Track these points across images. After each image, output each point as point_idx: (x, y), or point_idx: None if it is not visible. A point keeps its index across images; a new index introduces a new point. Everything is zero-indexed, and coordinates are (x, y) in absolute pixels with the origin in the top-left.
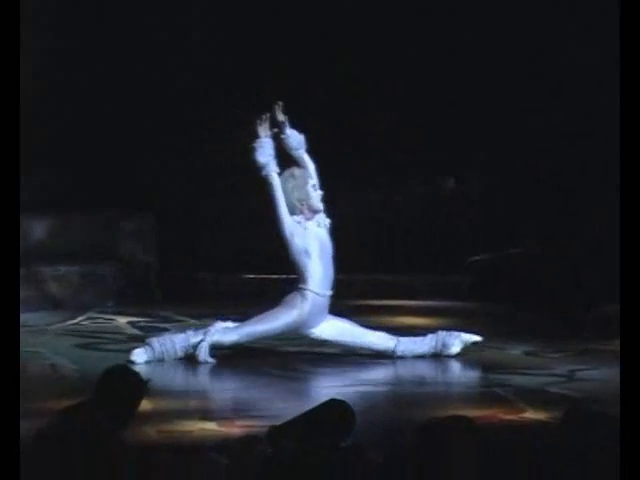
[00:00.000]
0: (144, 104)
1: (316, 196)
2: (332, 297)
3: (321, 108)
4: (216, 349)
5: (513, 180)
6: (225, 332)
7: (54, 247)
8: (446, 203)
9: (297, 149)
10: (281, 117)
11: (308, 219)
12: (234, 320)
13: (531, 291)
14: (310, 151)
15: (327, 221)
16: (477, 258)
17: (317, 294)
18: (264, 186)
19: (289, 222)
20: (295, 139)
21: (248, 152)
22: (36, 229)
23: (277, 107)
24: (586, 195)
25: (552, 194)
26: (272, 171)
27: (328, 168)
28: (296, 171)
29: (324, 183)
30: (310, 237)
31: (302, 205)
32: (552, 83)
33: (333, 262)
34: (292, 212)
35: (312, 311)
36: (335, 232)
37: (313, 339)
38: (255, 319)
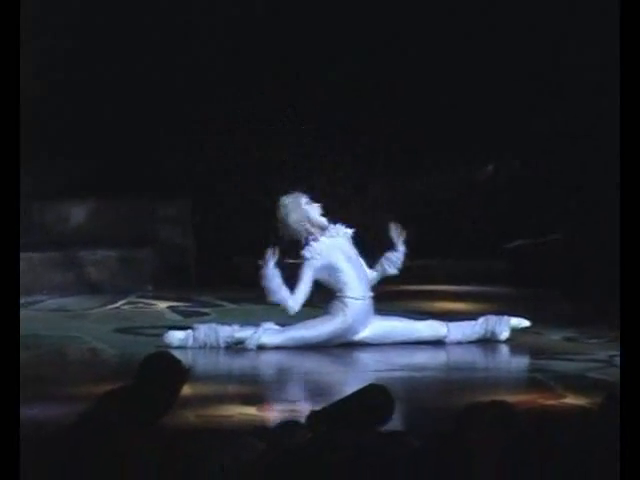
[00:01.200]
0: (180, 90)
1: (314, 211)
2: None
3: (351, 93)
4: (259, 349)
5: (549, 166)
6: (270, 334)
7: (92, 232)
8: (484, 188)
9: None
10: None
11: (319, 236)
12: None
13: (570, 276)
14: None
15: (345, 230)
16: (516, 243)
17: (356, 299)
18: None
19: (308, 280)
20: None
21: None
22: (74, 214)
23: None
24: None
25: (591, 179)
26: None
27: (363, 153)
28: (286, 199)
29: (358, 168)
30: (327, 252)
31: (303, 225)
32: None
33: (365, 264)
34: (297, 235)
35: (356, 317)
36: (372, 218)
37: (360, 343)
38: (301, 325)
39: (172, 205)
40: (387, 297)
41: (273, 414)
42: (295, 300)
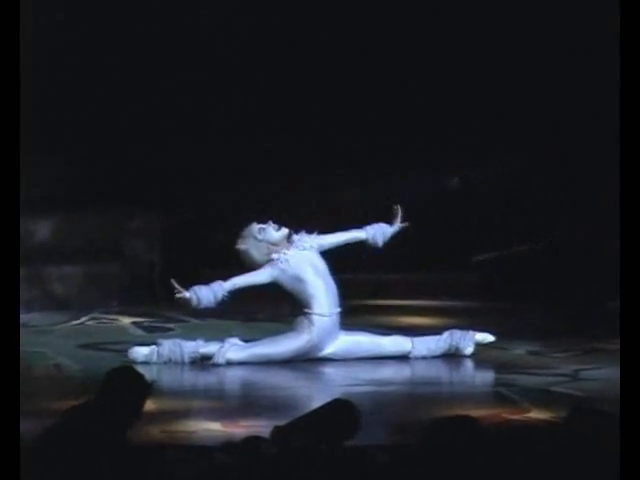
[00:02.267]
0: (147, 101)
1: (270, 234)
2: (340, 314)
3: (324, 106)
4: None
5: (518, 177)
6: (235, 350)
7: (58, 246)
8: (451, 201)
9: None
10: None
11: (285, 250)
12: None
13: (535, 289)
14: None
15: (313, 241)
16: (482, 257)
17: (323, 315)
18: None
19: (264, 276)
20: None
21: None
22: (39, 228)
23: None
24: (592, 192)
25: (558, 191)
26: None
27: (331, 165)
28: (240, 244)
29: (327, 181)
30: (296, 264)
31: (268, 253)
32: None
33: (333, 278)
34: (267, 256)
35: (321, 335)
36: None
37: (325, 358)
38: (267, 341)
39: (138, 219)
40: (354, 311)
41: (238, 429)
42: (226, 283)
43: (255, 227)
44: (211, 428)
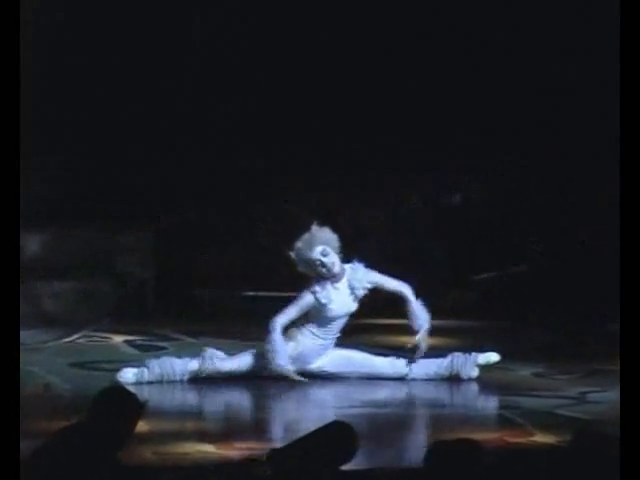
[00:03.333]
0: (142, 116)
1: (331, 260)
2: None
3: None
4: (212, 377)
5: (519, 196)
6: (223, 359)
7: (48, 262)
8: (450, 219)
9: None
10: None
11: (333, 282)
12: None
13: (538, 309)
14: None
15: (365, 281)
16: (482, 276)
17: (316, 337)
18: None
19: (302, 309)
20: None
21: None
22: (30, 244)
23: None
24: (596, 208)
25: (560, 210)
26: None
27: (325, 183)
28: (306, 235)
29: (320, 199)
30: (336, 305)
31: (319, 269)
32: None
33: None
34: (308, 270)
35: (309, 347)
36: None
37: (316, 371)
38: (252, 349)
39: (130, 235)
40: (353, 330)
41: (232, 452)
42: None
43: (319, 248)
44: (205, 450)
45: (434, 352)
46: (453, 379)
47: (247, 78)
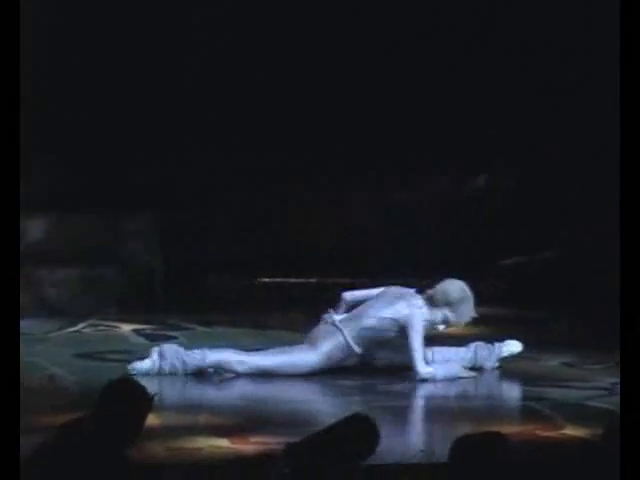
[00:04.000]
0: (145, 99)
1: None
2: None
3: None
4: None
5: (546, 178)
6: (263, 357)
7: (52, 249)
8: (476, 202)
9: None
10: None
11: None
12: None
13: (568, 297)
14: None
15: (418, 304)
16: (509, 261)
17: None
18: None
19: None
20: None
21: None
22: (33, 230)
23: None
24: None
25: (591, 191)
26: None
27: (344, 165)
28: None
29: (341, 182)
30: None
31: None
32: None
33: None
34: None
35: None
36: (357, 233)
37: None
38: (284, 349)
39: (138, 219)
40: None
41: (247, 447)
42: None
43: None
44: (218, 445)
45: (457, 341)
46: (477, 369)
47: (250, 74)
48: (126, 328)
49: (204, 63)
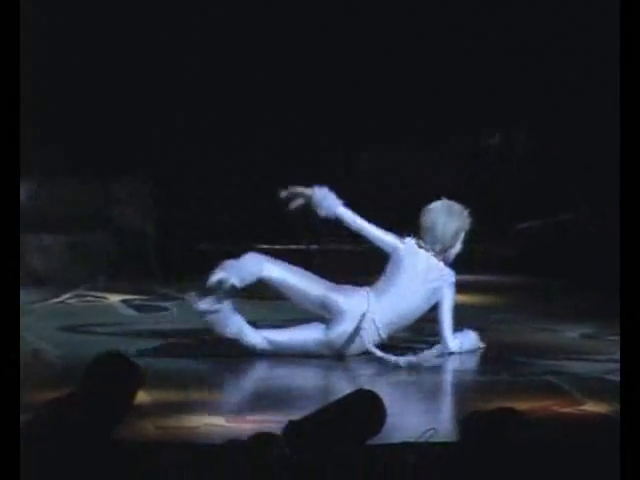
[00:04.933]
0: (138, 60)
1: (455, 252)
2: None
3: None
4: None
5: (563, 136)
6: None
7: (36, 213)
8: (489, 162)
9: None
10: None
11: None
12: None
13: (587, 263)
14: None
15: (451, 279)
16: (525, 225)
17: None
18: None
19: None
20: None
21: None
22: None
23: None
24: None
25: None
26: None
27: (350, 122)
28: (464, 212)
29: (346, 139)
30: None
31: (439, 244)
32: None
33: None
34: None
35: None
36: (359, 194)
37: None
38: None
39: (129, 183)
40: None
41: (245, 425)
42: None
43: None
44: (213, 423)
45: (465, 311)
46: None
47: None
48: (114, 299)
49: (199, 50)
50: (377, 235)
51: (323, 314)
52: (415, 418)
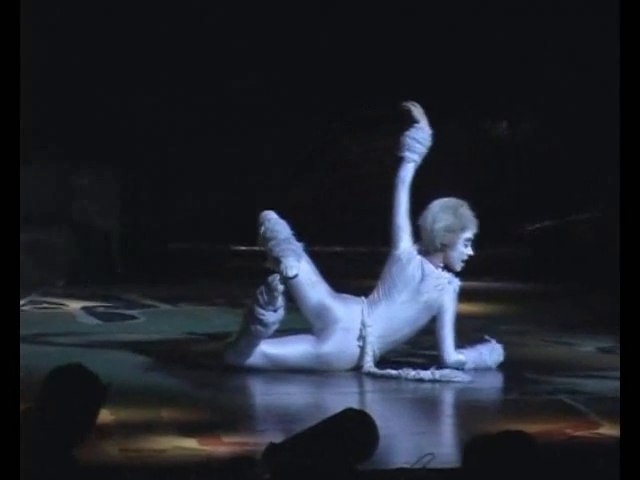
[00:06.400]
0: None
1: (458, 255)
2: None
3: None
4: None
5: (576, 128)
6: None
7: None
8: (497, 153)
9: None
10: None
11: (437, 266)
12: None
13: (603, 268)
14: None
15: (456, 284)
16: (536, 226)
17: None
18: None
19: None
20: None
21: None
22: None
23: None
24: None
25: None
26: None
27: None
28: (461, 208)
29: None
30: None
31: (439, 249)
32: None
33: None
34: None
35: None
36: (358, 185)
37: None
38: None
39: (90, 174)
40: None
41: (220, 448)
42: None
43: (469, 232)
44: (185, 446)
45: (470, 321)
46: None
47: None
48: (74, 306)
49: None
50: (401, 223)
51: (316, 323)
52: (412, 441)
